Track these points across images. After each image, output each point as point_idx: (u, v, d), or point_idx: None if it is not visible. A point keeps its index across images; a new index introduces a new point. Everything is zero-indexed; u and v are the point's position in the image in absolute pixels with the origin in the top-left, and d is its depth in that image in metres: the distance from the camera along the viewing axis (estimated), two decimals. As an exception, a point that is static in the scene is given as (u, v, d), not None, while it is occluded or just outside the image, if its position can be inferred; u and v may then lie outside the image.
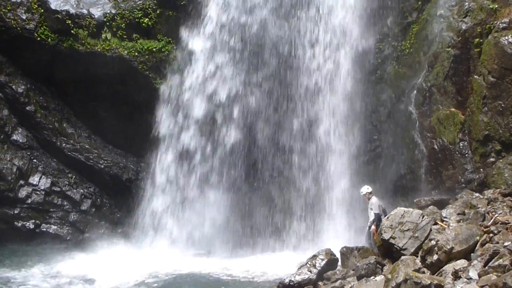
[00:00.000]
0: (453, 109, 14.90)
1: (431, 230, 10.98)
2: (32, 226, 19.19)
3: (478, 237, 10.11)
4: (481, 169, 13.80)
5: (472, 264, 9.38)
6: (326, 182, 17.57)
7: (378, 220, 13.80)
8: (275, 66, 18.57)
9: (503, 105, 13.44)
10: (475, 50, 14.55)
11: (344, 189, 17.18)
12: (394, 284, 9.37)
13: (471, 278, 8.96)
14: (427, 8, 16.50)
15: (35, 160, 19.60)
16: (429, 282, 8.94)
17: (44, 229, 19.34)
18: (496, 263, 8.76)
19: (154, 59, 19.64)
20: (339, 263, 12.93)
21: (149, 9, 19.83)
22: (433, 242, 10.23)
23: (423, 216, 11.34)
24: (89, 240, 19.36)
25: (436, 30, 15.61)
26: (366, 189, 14.62)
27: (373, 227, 13.80)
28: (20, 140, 19.49)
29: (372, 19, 17.72)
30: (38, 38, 18.99)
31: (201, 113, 18.81)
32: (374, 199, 14.28)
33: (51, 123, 19.86)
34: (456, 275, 9.24)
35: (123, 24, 19.72)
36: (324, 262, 12.45)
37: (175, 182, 18.92)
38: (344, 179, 17.26)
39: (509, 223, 10.17)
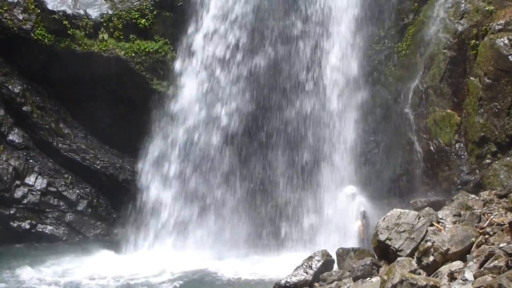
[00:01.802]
0: (449, 111, 14.92)
1: (427, 231, 10.96)
2: (27, 227, 19.16)
3: (473, 239, 10.11)
4: (477, 171, 13.80)
5: (467, 265, 9.38)
6: (324, 183, 17.60)
7: (363, 217, 13.94)
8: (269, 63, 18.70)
9: (499, 106, 13.44)
10: (471, 51, 14.53)
11: (341, 190, 17.20)
12: (390, 285, 9.35)
13: (466, 279, 8.95)
14: (423, 9, 16.52)
15: (31, 160, 19.57)
16: (425, 283, 8.92)
17: (40, 230, 19.32)
18: (492, 264, 8.75)
19: (151, 60, 19.65)
20: (335, 264, 12.93)
21: (146, 10, 19.85)
22: (429, 244, 10.22)
23: (419, 218, 11.30)
24: (85, 241, 19.34)
25: (432, 31, 15.63)
26: (350, 190, 14.75)
27: (359, 223, 13.89)
28: (16, 140, 19.46)
29: (369, 20, 17.76)
30: (35, 38, 18.97)
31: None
32: (358, 198, 14.44)
33: (47, 124, 19.83)
34: (451, 276, 9.24)
35: (120, 25, 19.72)
36: (320, 263, 12.39)
37: (176, 184, 18.91)
38: (341, 180, 17.28)
39: (504, 224, 10.18)
